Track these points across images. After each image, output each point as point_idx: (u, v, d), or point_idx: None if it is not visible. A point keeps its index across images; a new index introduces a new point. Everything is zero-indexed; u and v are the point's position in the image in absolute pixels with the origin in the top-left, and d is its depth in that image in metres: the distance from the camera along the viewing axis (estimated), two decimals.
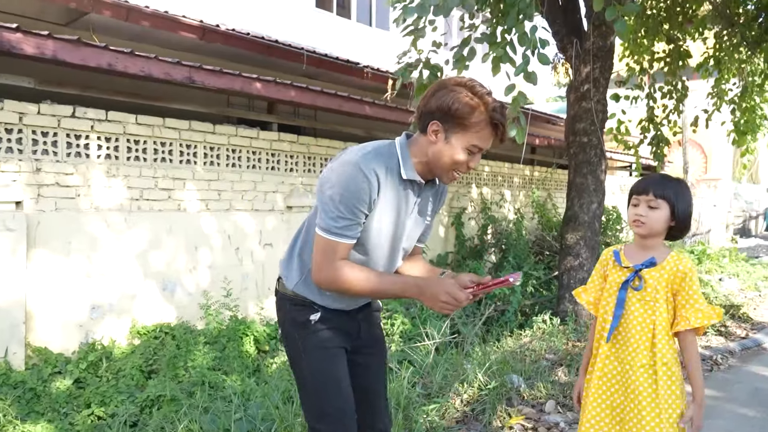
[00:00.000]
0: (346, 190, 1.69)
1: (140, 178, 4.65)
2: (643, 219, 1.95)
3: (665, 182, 1.98)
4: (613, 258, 2.05)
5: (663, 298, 1.92)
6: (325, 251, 1.73)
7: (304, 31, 9.41)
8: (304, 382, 1.90)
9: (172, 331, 4.56)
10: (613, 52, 5.78)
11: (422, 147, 1.79)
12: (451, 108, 1.69)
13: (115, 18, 5.10)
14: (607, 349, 1.99)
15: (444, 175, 1.80)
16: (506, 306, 5.69)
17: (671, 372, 1.91)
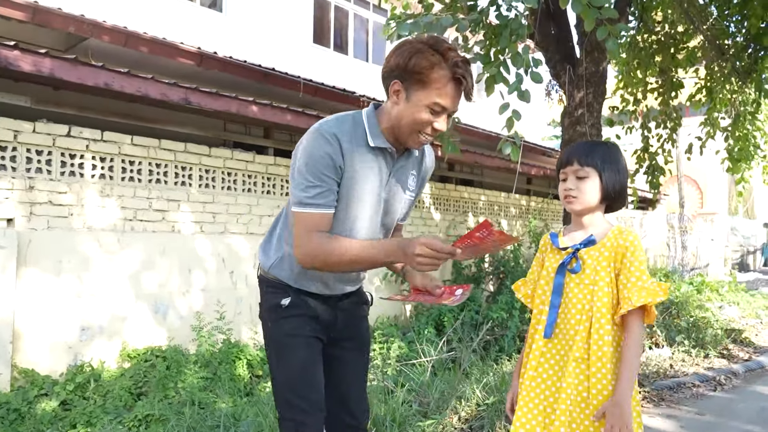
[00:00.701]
0: (309, 158, 1.65)
1: (134, 198, 4.62)
2: (573, 193, 1.74)
3: (591, 147, 1.78)
4: (551, 241, 1.83)
5: (604, 280, 1.68)
6: (302, 225, 1.66)
7: (302, 66, 9.54)
8: (273, 370, 1.84)
9: (162, 354, 4.46)
10: (605, 77, 5.85)
11: (387, 111, 1.72)
12: (408, 64, 1.61)
13: (113, 43, 5.16)
14: (543, 344, 1.74)
15: (409, 139, 1.71)
16: (504, 331, 5.60)
17: (607, 369, 1.63)
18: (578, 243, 1.76)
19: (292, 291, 1.80)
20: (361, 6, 11.61)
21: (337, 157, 1.66)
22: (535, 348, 1.76)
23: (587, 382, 1.65)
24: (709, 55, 7.60)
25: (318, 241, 1.65)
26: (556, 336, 1.73)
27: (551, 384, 1.71)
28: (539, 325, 1.77)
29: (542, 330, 1.75)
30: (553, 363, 1.72)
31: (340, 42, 11.52)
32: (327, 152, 1.64)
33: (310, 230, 1.65)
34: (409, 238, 1.62)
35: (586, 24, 4.07)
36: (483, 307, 5.97)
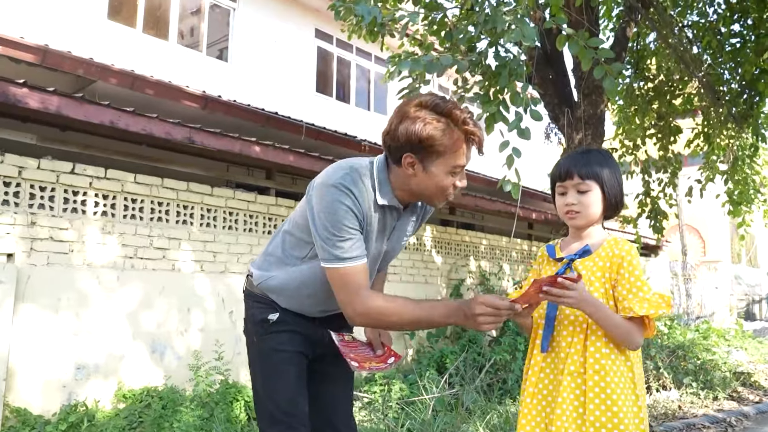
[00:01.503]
0: (333, 214, 1.61)
1: (135, 236, 4.62)
2: (576, 208, 1.69)
3: (588, 158, 1.72)
4: (546, 253, 1.81)
5: (599, 291, 1.64)
6: (345, 283, 1.60)
7: (305, 114, 9.71)
8: (257, 385, 1.81)
9: (159, 394, 4.36)
10: (603, 120, 5.94)
11: (401, 179, 1.70)
12: (421, 138, 1.59)
13: (121, 86, 5.27)
14: (541, 359, 1.70)
15: (435, 200, 1.72)
16: (507, 374, 5.49)
17: (606, 383, 1.55)
18: (573, 254, 1.72)
19: (279, 308, 1.79)
20: (363, 57, 11.90)
21: (357, 212, 1.65)
22: (533, 363, 1.72)
23: (583, 396, 1.58)
24: (705, 101, 7.73)
25: (370, 299, 1.61)
26: (554, 350, 1.68)
27: (552, 400, 1.66)
28: (537, 339, 1.73)
29: (539, 345, 1.70)
30: (552, 378, 1.67)
31: (342, 91, 11.76)
32: (348, 206, 1.62)
33: (356, 288, 1.60)
34: (468, 299, 1.59)
35: (583, 64, 4.16)
36: (485, 350, 5.87)
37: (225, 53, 9.73)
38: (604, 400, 1.57)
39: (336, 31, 11.05)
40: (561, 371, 1.64)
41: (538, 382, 1.69)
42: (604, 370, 1.58)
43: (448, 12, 5.23)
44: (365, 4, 4.40)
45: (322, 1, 10.43)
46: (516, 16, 4.02)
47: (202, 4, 9.50)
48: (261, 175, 6.12)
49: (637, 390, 1.62)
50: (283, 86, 10.07)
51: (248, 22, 9.80)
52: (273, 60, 10.07)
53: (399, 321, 1.60)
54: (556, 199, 1.77)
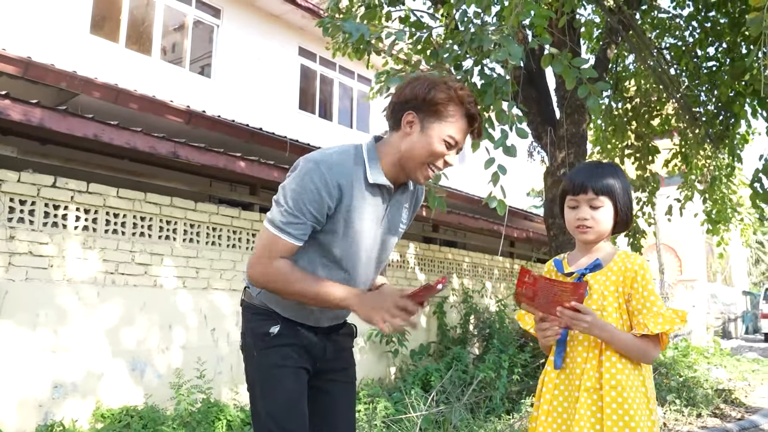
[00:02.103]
0: (299, 186, 1.63)
1: (117, 251, 4.54)
2: (588, 223, 1.67)
3: (602, 172, 1.70)
4: (555, 268, 1.78)
5: (612, 305, 1.63)
6: (264, 245, 1.66)
7: (288, 130, 9.70)
8: (256, 402, 1.74)
9: (138, 414, 4.26)
10: (586, 138, 6.03)
11: (394, 144, 1.72)
12: (427, 95, 1.64)
13: (104, 100, 5.22)
14: (555, 375, 1.68)
15: (418, 171, 1.71)
16: (493, 392, 5.46)
17: (623, 398, 1.55)
18: (584, 268, 1.71)
19: (280, 319, 1.74)
20: (346, 75, 11.96)
21: (327, 197, 1.64)
22: (547, 380, 1.70)
23: (600, 412, 1.57)
24: (682, 122, 7.89)
25: (274, 266, 1.64)
26: (568, 366, 1.67)
27: (567, 417, 1.64)
28: (551, 356, 1.71)
29: (553, 361, 1.69)
30: (567, 395, 1.65)
31: (325, 109, 11.79)
32: (318, 188, 1.62)
33: (273, 255, 1.64)
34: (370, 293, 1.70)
35: (567, 83, 4.22)
36: (470, 368, 5.85)
37: (208, 69, 9.71)
38: (622, 416, 1.56)
39: (319, 49, 11.10)
40: (577, 387, 1.62)
41: (553, 399, 1.67)
42: (620, 386, 1.58)
43: (434, 31, 5.29)
44: (352, 21, 4.43)
45: (306, 20, 10.51)
46: (502, 35, 4.08)
47: (186, 20, 9.49)
48: (244, 190, 6.08)
49: (650, 404, 1.63)
50: (266, 103, 10.06)
51: (232, 39, 9.81)
52: (256, 77, 10.07)
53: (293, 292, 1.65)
54: (566, 212, 1.75)
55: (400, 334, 6.05)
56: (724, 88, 6.92)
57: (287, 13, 10.34)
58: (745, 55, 6.81)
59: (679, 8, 7.27)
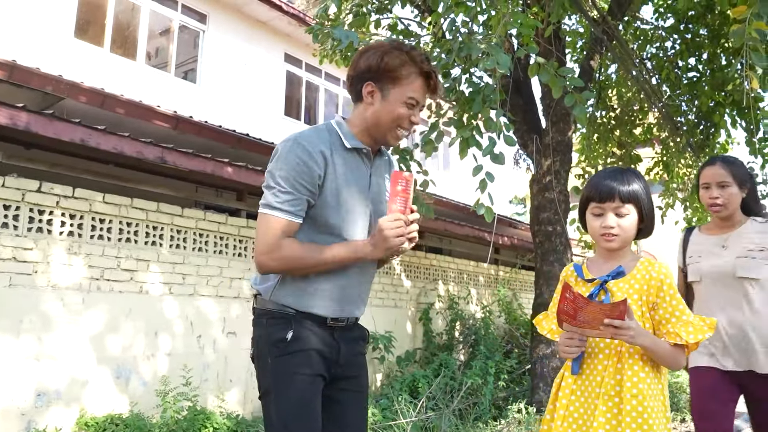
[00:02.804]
0: (285, 164, 1.67)
1: (103, 257, 4.50)
2: (615, 231, 1.66)
3: (625, 178, 1.69)
4: (575, 273, 1.75)
5: (636, 313, 1.61)
6: (265, 230, 1.67)
7: (273, 136, 9.69)
8: (270, 410, 1.70)
9: (123, 422, 4.20)
10: (571, 146, 6.10)
11: (359, 115, 1.78)
12: (380, 64, 1.70)
13: (90, 104, 5.17)
14: (572, 381, 1.68)
15: (389, 135, 1.78)
16: (479, 398, 5.49)
17: (644, 407, 1.54)
18: (606, 275, 1.69)
19: (295, 321, 1.72)
20: (332, 82, 11.98)
21: (315, 166, 1.68)
22: (564, 386, 1.70)
23: (615, 420, 1.57)
24: (664, 131, 8.02)
25: (282, 245, 1.66)
26: (584, 372, 1.67)
27: (583, 423, 1.64)
28: (569, 362, 1.71)
29: (570, 367, 1.68)
30: (583, 401, 1.65)
31: (310, 115, 11.79)
32: (304, 160, 1.67)
33: (277, 237, 1.66)
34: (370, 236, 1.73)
35: (554, 92, 4.28)
36: (457, 374, 5.86)
37: (194, 75, 9.67)
38: (641, 424, 1.56)
39: (305, 56, 11.12)
40: (597, 395, 1.62)
41: (569, 405, 1.67)
42: (642, 394, 1.58)
43: (422, 39, 5.33)
44: (342, 28, 4.45)
45: (293, 26, 10.52)
46: (490, 44, 4.12)
47: (171, 25, 9.45)
48: (230, 196, 6.06)
49: (667, 413, 1.64)
50: (251, 109, 10.04)
51: (218, 45, 9.78)
52: (242, 83, 10.05)
53: (306, 265, 1.68)
54: (589, 219, 1.73)
55: (386, 341, 6.06)
56: (704, 98, 7.06)
57: (274, 20, 10.34)
58: (725, 66, 6.97)
59: (660, 20, 7.41)
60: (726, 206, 2.45)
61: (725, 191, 2.45)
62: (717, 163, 2.52)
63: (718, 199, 2.45)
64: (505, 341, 7.66)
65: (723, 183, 2.45)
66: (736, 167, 2.49)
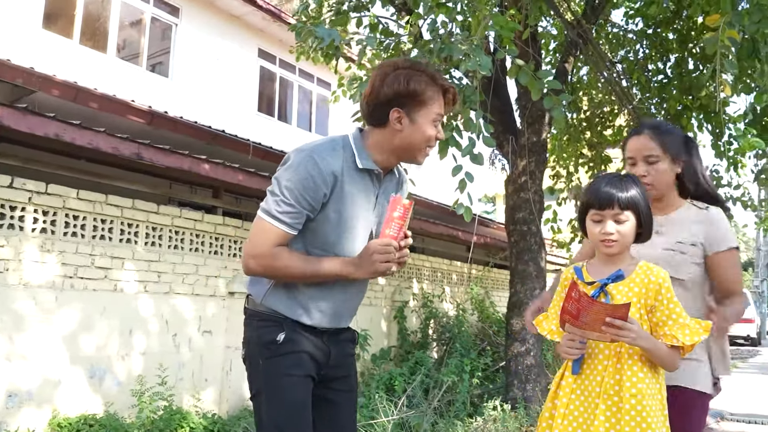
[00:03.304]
0: (294, 175, 1.68)
1: (76, 254, 4.41)
2: (614, 237, 1.70)
3: (625, 186, 1.72)
4: (575, 275, 1.78)
5: (635, 316, 1.65)
6: (260, 234, 1.70)
7: (246, 132, 9.59)
8: (261, 411, 1.72)
9: (98, 422, 4.13)
10: (546, 147, 6.20)
11: (383, 138, 1.78)
12: (409, 89, 1.71)
13: (63, 98, 5.04)
14: (573, 381, 1.72)
15: (419, 155, 1.80)
16: (454, 396, 5.54)
17: (642, 406, 1.59)
18: (606, 278, 1.72)
19: (286, 325, 1.74)
20: (306, 78, 11.91)
21: (323, 185, 1.69)
22: (564, 385, 1.73)
23: (615, 419, 1.61)
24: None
25: (272, 254, 1.69)
26: (584, 372, 1.70)
27: (582, 422, 1.67)
28: (569, 362, 1.74)
29: (571, 367, 1.72)
30: (582, 400, 1.69)
31: (284, 112, 11.71)
32: (313, 177, 1.68)
33: (269, 244, 1.69)
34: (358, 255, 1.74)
35: (533, 94, 4.35)
36: (432, 372, 5.92)
37: (166, 69, 9.51)
38: (640, 423, 1.60)
39: (279, 52, 11.04)
40: (597, 394, 1.65)
41: (569, 404, 1.70)
42: (641, 394, 1.62)
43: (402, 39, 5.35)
44: (323, 27, 4.44)
45: (267, 22, 10.43)
46: (471, 45, 4.17)
47: (143, 17, 9.27)
48: (205, 193, 5.99)
49: (665, 411, 1.69)
50: (224, 104, 9.92)
51: (191, 39, 9.64)
52: (215, 78, 9.92)
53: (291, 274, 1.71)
54: (588, 225, 1.77)
55: (362, 339, 6.07)
56: (672, 101, 7.24)
57: (248, 15, 10.23)
58: (693, 71, 7.16)
59: (631, 23, 7.57)
60: (654, 185, 1.99)
61: (653, 167, 1.99)
62: (644, 132, 2.06)
63: (646, 177, 1.98)
64: (479, 339, 7.75)
65: (651, 157, 1.99)
66: (668, 136, 2.03)
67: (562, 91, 4.85)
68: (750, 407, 6.96)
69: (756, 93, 5.55)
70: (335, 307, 1.80)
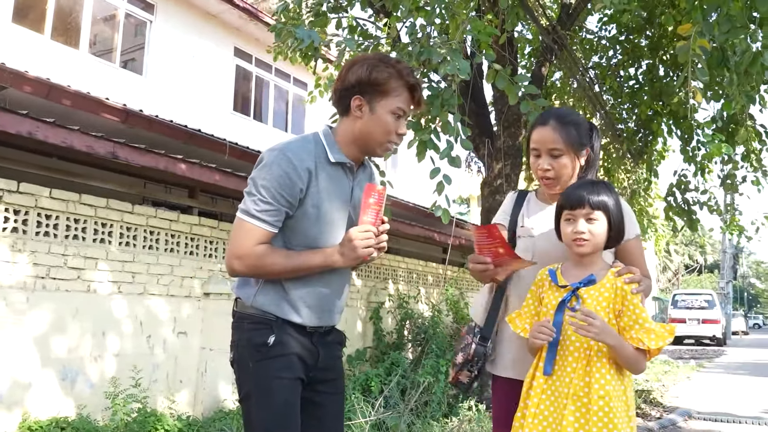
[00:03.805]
0: (269, 174, 1.70)
1: (48, 254, 4.33)
2: (585, 236, 1.75)
3: (597, 188, 1.79)
4: (549, 278, 1.83)
5: (604, 319, 1.71)
6: (242, 235, 1.71)
7: (221, 131, 9.51)
8: (251, 414, 1.72)
9: (70, 425, 4.07)
10: (521, 151, 6.28)
11: (347, 128, 1.81)
12: (370, 77, 1.74)
13: (35, 95, 4.95)
14: (544, 381, 1.75)
15: (378, 148, 1.82)
16: (430, 396, 5.58)
17: (610, 407, 1.64)
18: (578, 282, 1.77)
19: (276, 326, 1.74)
20: (282, 78, 11.86)
21: (298, 180, 1.71)
22: (536, 386, 1.76)
23: (584, 419, 1.66)
24: (606, 137, 8.36)
25: (256, 252, 1.70)
26: (555, 373, 1.74)
27: (552, 421, 1.71)
28: (540, 362, 1.77)
29: (542, 367, 1.75)
30: (553, 400, 1.72)
31: (260, 111, 11.64)
32: (288, 173, 1.70)
33: (253, 244, 1.70)
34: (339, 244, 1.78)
35: (510, 98, 4.41)
36: (408, 373, 5.95)
37: (140, 66, 9.38)
38: (607, 424, 1.65)
39: (255, 51, 10.97)
40: (566, 395, 1.69)
41: (540, 404, 1.74)
42: (608, 395, 1.67)
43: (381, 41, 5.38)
44: (303, 28, 4.44)
45: (243, 20, 10.36)
46: (449, 49, 4.21)
47: (117, 13, 9.13)
48: (180, 192, 5.94)
49: (629, 412, 1.74)
50: (199, 103, 9.82)
51: (166, 36, 9.52)
52: (190, 76, 9.82)
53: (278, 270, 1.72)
54: (561, 225, 1.82)
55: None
56: (643, 107, 7.41)
57: (224, 13, 10.15)
58: (663, 77, 7.33)
59: (604, 29, 7.72)
60: (557, 179, 1.95)
61: (557, 161, 1.93)
62: (549, 122, 1.96)
63: (549, 171, 1.94)
64: (454, 340, 7.80)
65: (555, 150, 1.93)
66: (572, 128, 1.94)
67: (539, 95, 4.93)
68: (716, 406, 7.15)
69: (724, 101, 5.71)
70: (321, 302, 1.81)
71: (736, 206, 7.67)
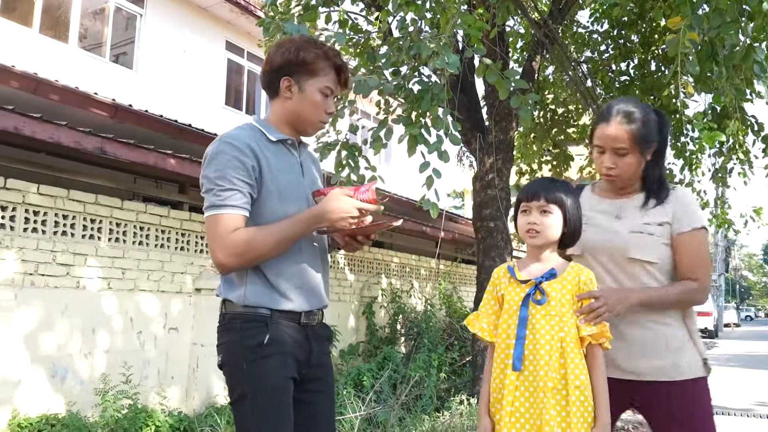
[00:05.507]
0: (216, 164, 1.70)
1: (37, 251, 4.30)
2: (537, 227, 1.78)
3: (554, 185, 1.84)
4: (509, 274, 1.82)
5: (569, 312, 1.74)
6: (215, 230, 1.68)
7: (213, 126, 9.46)
8: (245, 415, 1.70)
9: (60, 422, 4.05)
10: (513, 145, 6.28)
11: (278, 109, 1.84)
12: (298, 57, 1.77)
13: (23, 90, 4.90)
14: (515, 378, 1.72)
15: (309, 127, 1.86)
16: (422, 391, 5.60)
17: (585, 396, 1.68)
18: (540, 276, 1.78)
19: (271, 322, 1.71)
20: None
21: (247, 159, 1.70)
22: (508, 383, 1.73)
23: (565, 411, 1.67)
24: None
25: (237, 236, 1.67)
26: (526, 368, 1.73)
27: (530, 417, 1.70)
28: (508, 359, 1.75)
29: (511, 364, 1.74)
30: (528, 395, 1.72)
31: (252, 105, 11.60)
32: (234, 156, 1.69)
33: (229, 232, 1.66)
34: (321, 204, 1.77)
35: (501, 93, 4.39)
36: (400, 367, 5.96)
37: (130, 60, 9.31)
38: (582, 413, 1.68)
39: (247, 44, 10.91)
40: (543, 389, 1.69)
41: (515, 401, 1.72)
42: (583, 385, 1.69)
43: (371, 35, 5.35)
44: (293, 22, 4.41)
45: (234, 14, 10.29)
46: (440, 43, 4.19)
47: (107, 7, 9.05)
48: (171, 188, 5.91)
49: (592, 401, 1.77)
50: (191, 97, 9.77)
51: (156, 30, 9.46)
52: (181, 70, 9.76)
53: (266, 248, 1.69)
54: (518, 217, 1.86)
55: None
56: None
57: (215, 6, 10.08)
58: (654, 72, 7.34)
59: (596, 24, 7.71)
60: (621, 177, 1.94)
61: (622, 160, 1.91)
62: (614, 119, 1.90)
63: (613, 170, 1.92)
64: (447, 334, 7.83)
65: (620, 150, 1.89)
66: (639, 126, 1.89)
67: (530, 90, 4.92)
68: None
69: (714, 94, 5.72)
70: (306, 282, 1.80)
71: (725, 199, 7.69)
